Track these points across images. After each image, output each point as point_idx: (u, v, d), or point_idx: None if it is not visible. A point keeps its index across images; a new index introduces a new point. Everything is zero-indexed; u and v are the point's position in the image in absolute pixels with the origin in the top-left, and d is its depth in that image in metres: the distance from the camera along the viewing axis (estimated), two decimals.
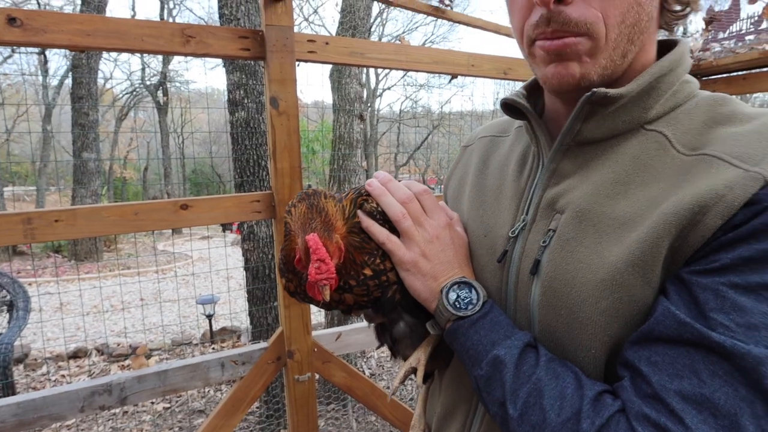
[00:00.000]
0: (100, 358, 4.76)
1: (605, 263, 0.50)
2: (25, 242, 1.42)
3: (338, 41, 1.77)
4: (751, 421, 0.39)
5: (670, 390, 0.42)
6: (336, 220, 0.59)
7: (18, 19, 1.31)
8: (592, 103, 0.52)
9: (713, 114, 0.52)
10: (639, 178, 0.51)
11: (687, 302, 0.44)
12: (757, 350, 0.39)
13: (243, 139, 3.03)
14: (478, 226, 0.67)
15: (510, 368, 0.51)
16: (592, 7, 0.48)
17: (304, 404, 1.83)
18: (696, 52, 2.49)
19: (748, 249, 0.42)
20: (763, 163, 0.43)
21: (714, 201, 0.43)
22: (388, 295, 0.62)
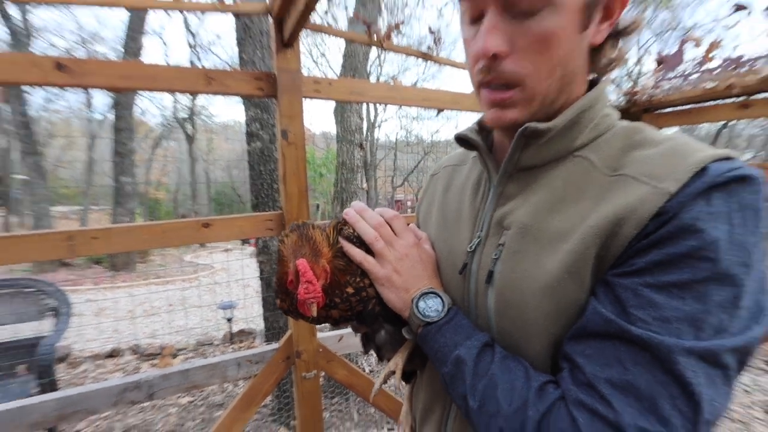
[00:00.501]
0: (133, 357, 4.69)
1: (545, 271, 0.50)
2: (67, 257, 1.41)
3: (340, 82, 1.79)
4: (668, 402, 0.40)
5: (601, 378, 0.43)
6: (322, 247, 0.60)
7: (65, 65, 1.33)
8: (526, 135, 0.54)
9: (629, 141, 0.53)
10: (570, 197, 0.52)
11: (611, 301, 0.45)
12: (669, 340, 0.40)
13: (259, 165, 3.04)
14: (442, 243, 0.67)
15: (470, 366, 0.52)
16: (523, 63, 0.50)
17: (310, 398, 1.80)
18: (649, 89, 2.52)
19: (658, 253, 0.43)
20: (668, 179, 0.44)
21: (629, 214, 0.45)
22: (368, 308, 0.63)
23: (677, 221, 0.42)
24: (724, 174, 0.43)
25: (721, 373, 0.41)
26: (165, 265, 10.48)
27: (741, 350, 0.41)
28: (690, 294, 0.41)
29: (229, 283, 7.08)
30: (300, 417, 1.80)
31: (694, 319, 0.41)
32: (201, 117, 20.48)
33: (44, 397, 1.43)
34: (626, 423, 0.40)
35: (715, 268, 0.41)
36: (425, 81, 16.69)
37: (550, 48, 0.49)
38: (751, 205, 0.43)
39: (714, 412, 0.40)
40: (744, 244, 0.41)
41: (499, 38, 0.49)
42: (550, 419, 0.45)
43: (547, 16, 0.48)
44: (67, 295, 3.08)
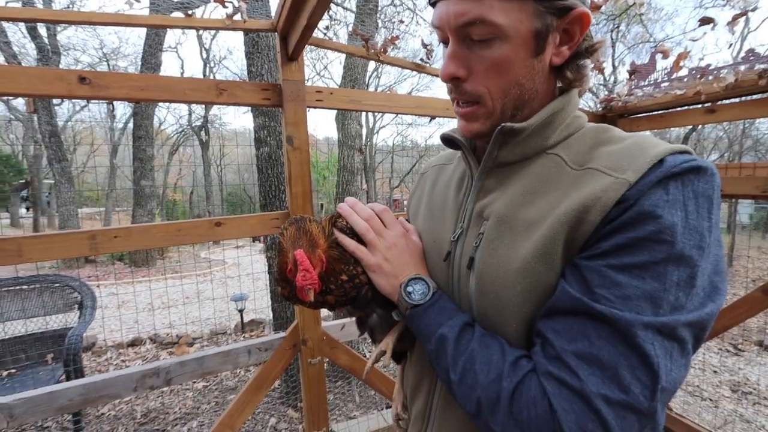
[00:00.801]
0: (153, 345, 4.68)
1: (518, 256, 0.51)
2: (90, 254, 1.40)
3: (340, 92, 1.78)
4: (628, 371, 0.41)
5: (568, 351, 0.44)
6: (318, 238, 0.61)
7: (87, 78, 1.33)
8: (503, 134, 0.55)
9: (597, 139, 0.54)
10: (542, 190, 0.53)
11: (579, 281, 0.45)
12: (629, 315, 0.41)
13: (267, 169, 3.04)
14: (429, 234, 0.68)
15: (452, 343, 0.53)
16: (480, 84, 0.53)
17: (315, 382, 1.80)
18: (623, 96, 2.52)
19: (621, 237, 0.43)
20: (628, 171, 0.45)
21: (594, 202, 0.45)
22: (361, 293, 0.63)
23: (637, 207, 0.43)
24: (680, 165, 0.44)
25: (678, 345, 0.41)
26: (181, 261, 10.45)
27: (696, 325, 0.42)
28: (649, 274, 0.42)
29: (240, 277, 7.07)
30: (306, 399, 1.80)
31: (653, 296, 0.41)
32: (214, 125, 20.44)
33: (70, 384, 1.43)
34: (590, 391, 0.41)
35: (672, 251, 0.41)
36: (420, 90, 16.71)
37: (502, 72, 0.52)
38: (704, 193, 0.44)
39: (671, 380, 0.41)
40: (698, 228, 0.42)
41: (457, 65, 0.53)
42: (522, 389, 0.45)
43: (499, 46, 0.50)
44: (92, 290, 3.08)
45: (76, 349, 2.55)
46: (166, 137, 20.71)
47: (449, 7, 0.50)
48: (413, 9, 4.48)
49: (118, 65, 15.80)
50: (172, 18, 1.52)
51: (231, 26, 1.50)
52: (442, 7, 0.52)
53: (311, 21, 1.30)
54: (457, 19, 0.50)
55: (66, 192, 9.43)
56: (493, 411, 0.46)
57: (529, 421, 0.44)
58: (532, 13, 0.49)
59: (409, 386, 0.72)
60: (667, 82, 2.32)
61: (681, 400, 3.10)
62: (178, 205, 21.66)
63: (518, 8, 0.48)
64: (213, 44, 18.67)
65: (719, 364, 3.80)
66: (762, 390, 3.28)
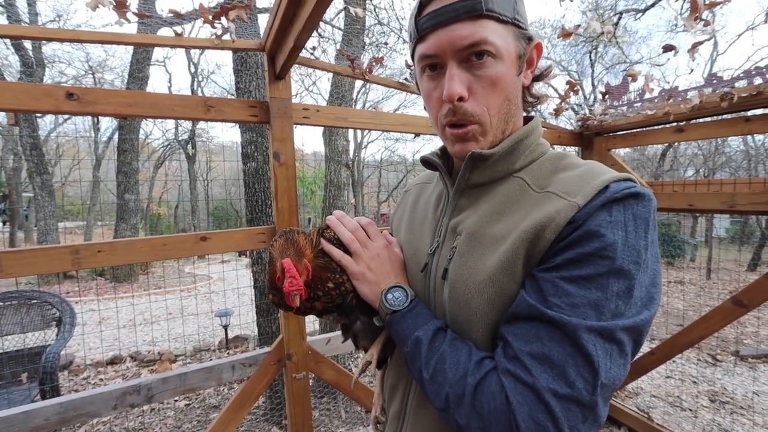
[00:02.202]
0: (133, 363, 4.54)
1: (485, 268, 0.56)
2: (73, 269, 1.39)
3: (327, 109, 1.83)
4: (573, 369, 0.46)
5: (524, 351, 0.49)
6: (305, 248, 0.65)
7: (75, 94, 1.34)
8: (474, 159, 0.61)
9: (556, 165, 0.61)
10: (508, 209, 0.59)
11: (535, 290, 0.51)
12: (576, 320, 0.46)
13: (253, 183, 3.05)
14: (409, 246, 0.73)
15: (425, 345, 0.57)
16: (480, 103, 0.58)
17: (300, 398, 1.79)
18: (598, 115, 2.63)
19: (571, 253, 0.49)
20: (579, 195, 0.51)
21: (549, 222, 0.51)
22: (347, 300, 0.68)
23: (585, 227, 0.49)
24: (621, 191, 0.50)
25: (617, 347, 0.47)
26: (165, 276, 10.22)
27: (633, 329, 0.47)
28: (594, 285, 0.47)
29: (225, 292, 6.95)
30: (291, 416, 1.79)
31: (597, 304, 0.47)
32: (201, 139, 20.32)
33: (47, 402, 1.39)
34: (541, 386, 0.46)
35: (613, 265, 0.47)
36: (407, 106, 16.97)
37: (497, 89, 0.58)
38: (642, 215, 0.50)
39: (610, 377, 0.46)
40: (636, 246, 0.48)
41: (461, 85, 0.57)
42: (484, 385, 0.50)
43: (495, 65, 0.57)
44: (71, 306, 3.00)
45: (52, 368, 2.47)
46: (152, 150, 20.47)
47: (451, 33, 0.55)
48: (399, 30, 4.61)
49: (105, 78, 15.64)
50: (161, 37, 1.55)
51: (220, 46, 1.54)
52: (439, 34, 0.57)
53: (298, 42, 1.35)
54: (461, 42, 0.55)
55: (46, 206, 9.19)
56: (459, 405, 0.51)
57: (489, 413, 0.49)
58: (516, 37, 0.58)
59: (388, 388, 0.76)
60: (639, 102, 2.44)
61: (662, 411, 3.14)
62: (163, 219, 21.28)
63: (506, 32, 0.57)
64: (201, 59, 18.66)
65: (698, 375, 3.88)
66: (738, 399, 3.35)
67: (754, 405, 3.23)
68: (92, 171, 16.12)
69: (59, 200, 11.98)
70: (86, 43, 1.43)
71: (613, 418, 2.72)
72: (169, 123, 19.03)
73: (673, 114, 2.12)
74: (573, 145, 2.77)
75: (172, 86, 19.85)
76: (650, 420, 2.58)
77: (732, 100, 1.84)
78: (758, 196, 1.87)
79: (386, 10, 6.21)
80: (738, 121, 2.01)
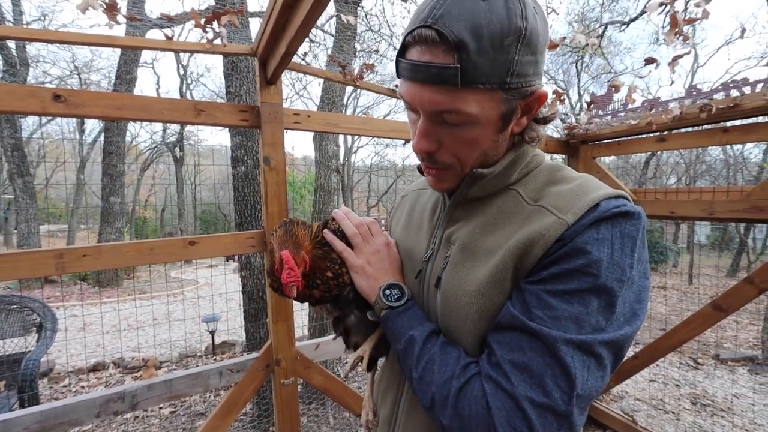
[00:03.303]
0: (117, 370, 4.44)
1: (476, 279, 0.57)
2: (57, 274, 1.36)
3: (317, 115, 1.83)
4: (551, 379, 0.47)
5: (506, 359, 0.51)
6: (304, 240, 0.67)
7: (62, 96, 1.32)
8: (474, 178, 0.62)
9: (551, 177, 0.61)
10: (501, 222, 0.60)
11: (520, 302, 0.52)
12: (556, 333, 0.48)
13: (243, 188, 3.02)
14: (405, 252, 0.74)
15: (419, 344, 0.59)
16: (450, 155, 0.59)
17: (288, 404, 1.77)
18: (583, 125, 2.69)
19: (556, 268, 0.50)
20: (569, 213, 0.52)
21: (539, 238, 0.52)
22: (344, 292, 0.70)
23: (572, 244, 0.50)
24: (611, 210, 0.51)
25: (595, 360, 0.48)
26: (151, 281, 10.03)
27: (612, 344, 0.49)
28: (576, 299, 0.49)
29: (212, 297, 6.86)
30: (279, 422, 1.77)
31: (578, 318, 0.48)
32: (189, 142, 20.06)
33: (27, 411, 1.35)
34: (519, 393, 0.48)
35: (597, 281, 0.48)
36: (397, 112, 17.02)
37: (471, 148, 0.58)
38: (629, 234, 0.50)
39: (587, 389, 0.47)
40: (621, 264, 0.49)
41: (429, 141, 0.58)
42: (467, 389, 0.52)
43: (470, 128, 0.56)
44: (52, 311, 2.92)
45: (32, 375, 2.40)
46: (139, 153, 20.13)
47: (423, 93, 0.53)
48: (390, 37, 4.65)
49: (91, 79, 15.34)
50: (151, 40, 1.54)
51: (211, 50, 1.53)
52: (413, 88, 0.54)
53: (290, 48, 1.35)
54: (431, 107, 0.54)
55: (27, 208, 8.96)
56: (443, 406, 0.53)
57: (470, 416, 0.50)
58: (500, 101, 0.54)
59: (380, 391, 0.77)
60: (622, 112, 2.51)
61: (645, 414, 3.19)
62: (149, 222, 20.88)
63: (489, 98, 0.53)
64: (191, 62, 18.47)
65: (680, 378, 3.96)
66: (719, 402, 3.43)
67: (733, 407, 3.31)
68: (76, 173, 15.77)
69: (41, 202, 11.69)
70: (74, 44, 1.41)
71: (598, 422, 2.76)
72: (156, 125, 18.77)
73: (656, 124, 2.19)
74: (559, 153, 2.82)
75: (160, 88, 19.59)
76: (634, 423, 2.62)
77: (710, 111, 1.90)
78: (735, 204, 1.93)
79: (377, 17, 6.26)
80: (716, 131, 2.08)
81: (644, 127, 2.28)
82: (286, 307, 1.73)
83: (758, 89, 1.80)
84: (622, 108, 2.51)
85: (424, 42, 0.50)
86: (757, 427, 3.02)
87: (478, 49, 0.48)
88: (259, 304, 3.12)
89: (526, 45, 0.50)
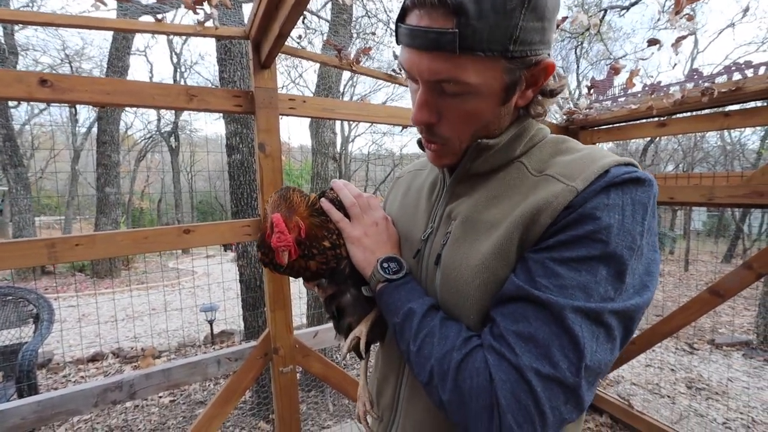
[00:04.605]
0: (115, 360, 4.46)
1: (478, 254, 0.54)
2: (49, 263, 1.34)
3: (313, 100, 1.80)
4: (558, 350, 0.45)
5: (510, 330, 0.48)
6: (299, 206, 0.64)
7: (48, 81, 1.28)
8: (479, 149, 0.59)
9: (556, 149, 0.59)
10: (505, 194, 0.57)
11: (524, 272, 0.50)
12: (562, 301, 0.45)
13: (239, 176, 2.99)
14: (402, 233, 0.72)
15: (418, 317, 0.56)
16: (449, 129, 0.57)
17: (287, 392, 1.78)
18: (583, 110, 2.66)
19: (563, 235, 0.48)
20: (578, 180, 0.50)
21: (546, 206, 0.50)
22: (341, 266, 0.66)
23: (581, 210, 0.48)
24: (621, 175, 0.49)
25: (604, 331, 0.46)
26: (148, 271, 10.02)
27: (622, 314, 0.46)
28: (584, 267, 0.46)
29: (210, 287, 6.86)
30: (278, 409, 1.77)
31: (586, 287, 0.46)
32: (185, 131, 19.85)
33: (24, 401, 1.35)
34: (524, 364, 0.45)
35: (606, 248, 0.46)
36: (394, 100, 16.88)
37: (471, 120, 0.56)
38: (641, 201, 0.48)
39: (595, 361, 0.45)
40: (631, 231, 0.47)
41: (429, 112, 0.56)
42: (468, 360, 0.49)
43: (470, 100, 0.53)
44: (49, 302, 2.90)
45: (30, 366, 2.40)
46: (133, 143, 19.92)
47: (421, 61, 0.51)
48: (386, 21, 4.57)
49: (82, 67, 15.07)
50: (141, 23, 1.50)
51: (202, 33, 1.49)
52: (412, 55, 0.51)
53: (283, 30, 1.31)
54: (430, 76, 0.51)
55: (21, 199, 8.88)
56: (442, 379, 0.50)
57: (471, 389, 0.47)
58: (503, 70, 0.51)
59: (376, 381, 0.75)
60: (623, 97, 2.47)
61: (641, 398, 3.24)
62: (146, 213, 20.79)
63: (491, 67, 0.50)
64: (184, 49, 18.17)
65: (676, 363, 4.01)
66: (714, 386, 3.48)
67: (728, 391, 3.36)
68: (70, 164, 15.61)
69: (35, 194, 11.58)
70: (62, 27, 1.36)
71: (595, 406, 2.79)
72: (151, 115, 18.55)
73: (656, 108, 2.16)
74: None
75: (153, 77, 19.30)
76: (630, 407, 2.65)
77: (712, 95, 1.88)
78: (735, 189, 1.92)
79: (374, 1, 6.14)
80: (717, 116, 2.05)
81: (645, 112, 2.25)
82: (283, 296, 1.72)
83: (761, 72, 1.78)
84: (623, 93, 2.48)
85: (422, 5, 0.48)
86: (751, 409, 3.07)
87: (478, 12, 0.45)
88: (257, 293, 3.12)
89: (531, 10, 0.47)
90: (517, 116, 0.61)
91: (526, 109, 0.60)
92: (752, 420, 2.93)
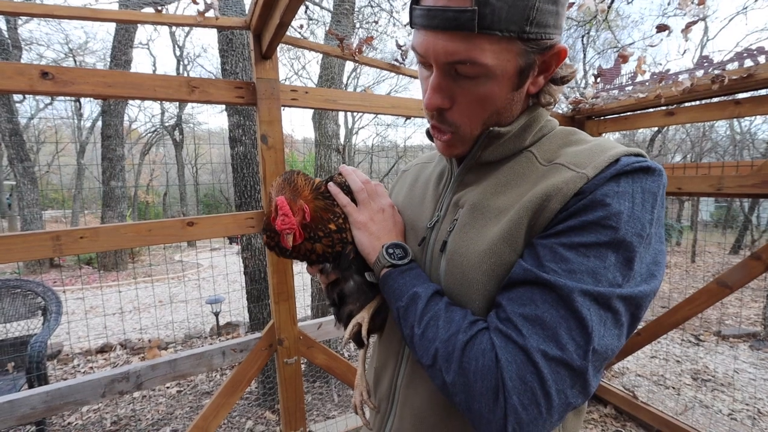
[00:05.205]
0: (123, 351, 4.52)
1: (486, 239, 0.55)
2: (54, 256, 1.35)
3: (315, 91, 1.78)
4: (566, 332, 0.45)
5: (517, 313, 0.48)
6: (303, 189, 0.64)
7: (50, 73, 1.28)
8: (491, 137, 0.59)
9: (565, 140, 0.59)
10: (514, 182, 0.58)
11: (532, 257, 0.50)
12: (571, 284, 0.45)
13: (242, 168, 2.99)
14: (408, 220, 0.72)
15: (423, 301, 0.56)
16: (463, 115, 0.57)
17: (292, 383, 1.79)
18: (590, 99, 2.62)
19: (574, 221, 0.48)
20: (588, 167, 0.50)
21: (556, 192, 0.50)
22: (346, 251, 0.66)
23: (592, 196, 0.48)
24: (632, 164, 0.49)
25: (612, 316, 0.46)
26: (154, 264, 10.11)
27: (630, 300, 0.46)
28: (592, 253, 0.46)
29: (216, 279, 6.92)
30: (283, 400, 1.79)
31: (595, 272, 0.46)
32: (188, 124, 19.85)
33: (33, 391, 1.37)
34: (531, 346, 0.45)
35: (616, 235, 0.46)
36: (398, 91, 16.79)
37: (485, 105, 0.56)
38: (650, 189, 0.49)
39: (603, 345, 0.45)
40: (641, 219, 0.47)
41: (442, 96, 0.56)
42: (474, 342, 0.49)
43: (485, 83, 0.53)
44: (57, 294, 2.94)
45: (39, 357, 2.43)
46: (138, 136, 19.97)
47: (437, 42, 0.51)
48: (390, 11, 4.50)
49: (86, 61, 15.08)
50: (141, 14, 1.48)
51: (203, 23, 1.48)
52: (427, 37, 0.52)
53: (284, 19, 1.30)
54: (446, 57, 0.51)
55: (29, 193, 8.96)
56: (447, 361, 0.50)
57: (476, 371, 0.47)
58: (518, 53, 0.51)
59: (374, 369, 0.75)
60: (630, 85, 2.43)
61: (646, 389, 3.24)
62: (151, 207, 20.92)
63: (506, 49, 0.50)
64: (187, 42, 18.10)
65: (681, 354, 4.00)
66: (719, 377, 3.46)
67: (734, 382, 3.35)
68: (76, 158, 15.71)
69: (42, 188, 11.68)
70: (63, 19, 1.36)
71: (599, 397, 2.80)
72: (155, 108, 18.57)
73: (664, 97, 2.12)
74: None
75: (156, 70, 19.27)
76: (635, 398, 2.65)
77: (723, 82, 1.84)
78: (745, 179, 1.89)
79: None
80: (728, 104, 2.01)
81: (652, 101, 2.21)
82: (287, 288, 1.72)
83: None
84: (630, 81, 2.44)
85: None
86: (757, 401, 3.06)
87: None
88: (262, 284, 3.13)
89: None
90: (528, 105, 0.61)
91: (537, 97, 0.60)
92: (758, 411, 2.92)
